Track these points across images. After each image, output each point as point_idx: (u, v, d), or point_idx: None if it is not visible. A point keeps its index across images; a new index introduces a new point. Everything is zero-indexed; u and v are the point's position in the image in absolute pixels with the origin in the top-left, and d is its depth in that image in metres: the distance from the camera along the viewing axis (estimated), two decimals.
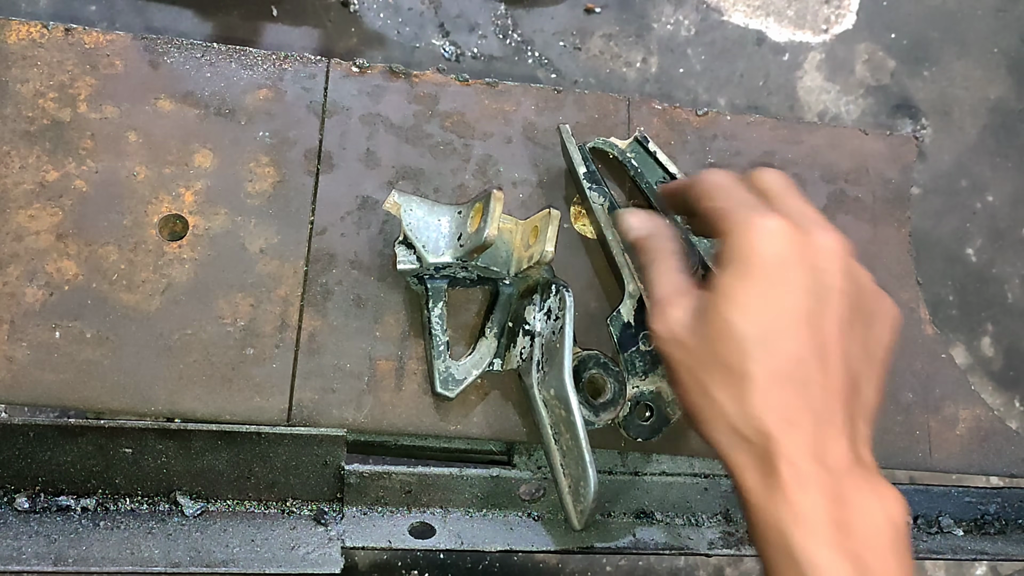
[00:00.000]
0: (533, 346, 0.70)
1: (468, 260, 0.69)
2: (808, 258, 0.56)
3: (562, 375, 0.65)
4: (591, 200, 0.77)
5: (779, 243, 0.56)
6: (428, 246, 0.69)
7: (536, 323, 0.70)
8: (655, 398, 0.73)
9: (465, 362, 0.72)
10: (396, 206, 0.70)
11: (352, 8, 0.88)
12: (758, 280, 0.55)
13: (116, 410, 0.71)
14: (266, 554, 0.68)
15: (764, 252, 0.56)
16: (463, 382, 0.71)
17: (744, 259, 0.56)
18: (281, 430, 0.70)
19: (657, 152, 0.79)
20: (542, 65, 0.90)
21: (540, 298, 0.71)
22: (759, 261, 0.55)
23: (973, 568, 1.54)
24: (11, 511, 0.68)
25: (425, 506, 0.74)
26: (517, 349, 0.72)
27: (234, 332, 0.73)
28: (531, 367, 0.69)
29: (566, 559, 1.37)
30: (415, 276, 0.73)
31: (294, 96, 0.79)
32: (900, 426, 0.81)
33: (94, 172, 0.75)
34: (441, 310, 0.72)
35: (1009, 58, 0.98)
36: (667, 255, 0.65)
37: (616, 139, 0.80)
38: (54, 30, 0.77)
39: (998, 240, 0.91)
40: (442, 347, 0.72)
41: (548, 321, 0.70)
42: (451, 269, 0.71)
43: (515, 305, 0.74)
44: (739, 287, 0.55)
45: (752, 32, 0.96)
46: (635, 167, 0.80)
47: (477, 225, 0.67)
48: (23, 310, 0.71)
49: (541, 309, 0.71)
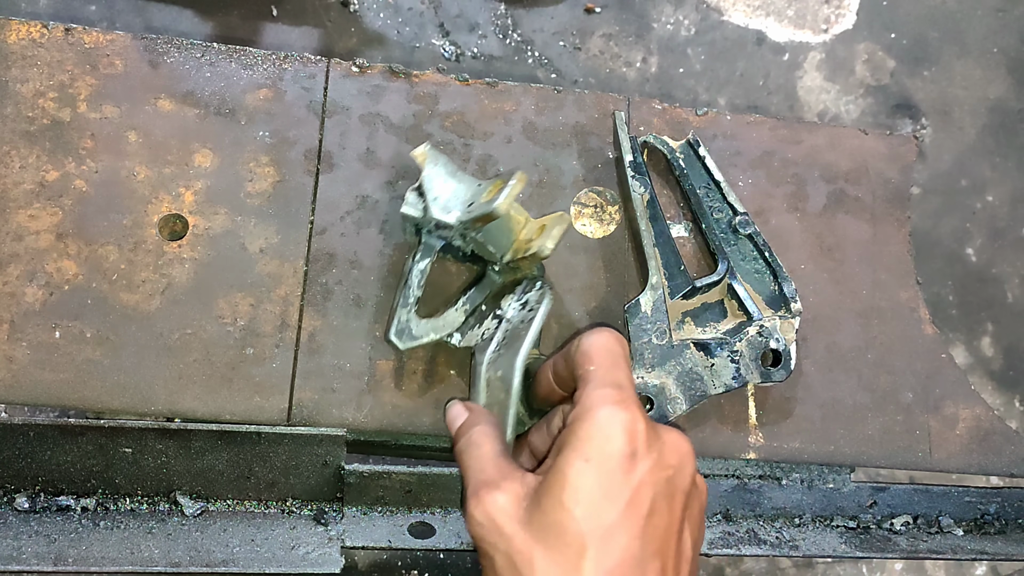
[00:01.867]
0: (497, 329, 0.70)
1: (469, 228, 0.69)
2: (658, 456, 0.53)
3: (515, 360, 0.65)
4: (632, 188, 0.79)
5: (631, 436, 0.52)
6: (438, 200, 0.69)
7: (509, 310, 0.71)
8: (658, 392, 0.74)
9: (427, 322, 0.71)
10: (423, 156, 0.70)
11: (352, 8, 0.88)
12: (604, 470, 0.51)
13: (116, 410, 0.71)
14: (266, 554, 0.68)
15: (615, 442, 0.51)
16: (418, 339, 0.70)
17: (592, 446, 0.52)
18: (281, 430, 0.70)
19: (706, 157, 0.81)
20: (542, 65, 0.90)
21: (522, 289, 0.72)
22: (608, 451, 0.51)
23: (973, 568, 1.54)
24: (11, 511, 0.68)
25: (425, 506, 0.74)
26: (481, 329, 0.72)
27: (234, 332, 0.73)
28: (488, 346, 0.69)
29: None
30: (414, 225, 0.72)
31: (294, 96, 0.79)
32: (900, 426, 0.81)
33: (94, 172, 0.75)
34: (425, 267, 0.72)
35: (1009, 58, 0.98)
36: (485, 438, 0.59)
37: (669, 138, 0.82)
38: (54, 30, 0.77)
39: (998, 240, 0.91)
40: (412, 299, 0.71)
41: (520, 311, 0.70)
42: (450, 232, 0.71)
43: (494, 291, 0.74)
44: (583, 475, 0.51)
45: (752, 32, 0.96)
46: (682, 167, 0.82)
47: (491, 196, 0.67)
48: (23, 310, 0.71)
49: (519, 299, 0.71)
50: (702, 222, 0.80)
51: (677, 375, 0.75)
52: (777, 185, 0.85)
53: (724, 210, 0.80)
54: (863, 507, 0.82)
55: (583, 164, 0.82)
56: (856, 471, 0.83)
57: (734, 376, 0.75)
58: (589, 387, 0.55)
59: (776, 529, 0.80)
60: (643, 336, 0.75)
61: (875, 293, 0.84)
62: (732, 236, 0.80)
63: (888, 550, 0.79)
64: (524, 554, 0.50)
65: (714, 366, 0.75)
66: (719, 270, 0.77)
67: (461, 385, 0.75)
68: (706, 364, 0.75)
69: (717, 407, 0.79)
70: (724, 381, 0.75)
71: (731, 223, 0.79)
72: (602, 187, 0.82)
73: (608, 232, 0.81)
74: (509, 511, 0.52)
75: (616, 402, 0.53)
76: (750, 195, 0.84)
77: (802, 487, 0.81)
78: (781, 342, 0.75)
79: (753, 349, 0.75)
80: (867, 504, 0.82)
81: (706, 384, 0.75)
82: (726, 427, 0.79)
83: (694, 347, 0.75)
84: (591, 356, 0.57)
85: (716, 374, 0.75)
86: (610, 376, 0.55)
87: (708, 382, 0.75)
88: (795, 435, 0.79)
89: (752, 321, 0.76)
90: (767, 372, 0.75)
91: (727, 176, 0.82)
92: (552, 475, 0.52)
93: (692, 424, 0.78)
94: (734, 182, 0.84)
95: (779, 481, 0.81)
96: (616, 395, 0.54)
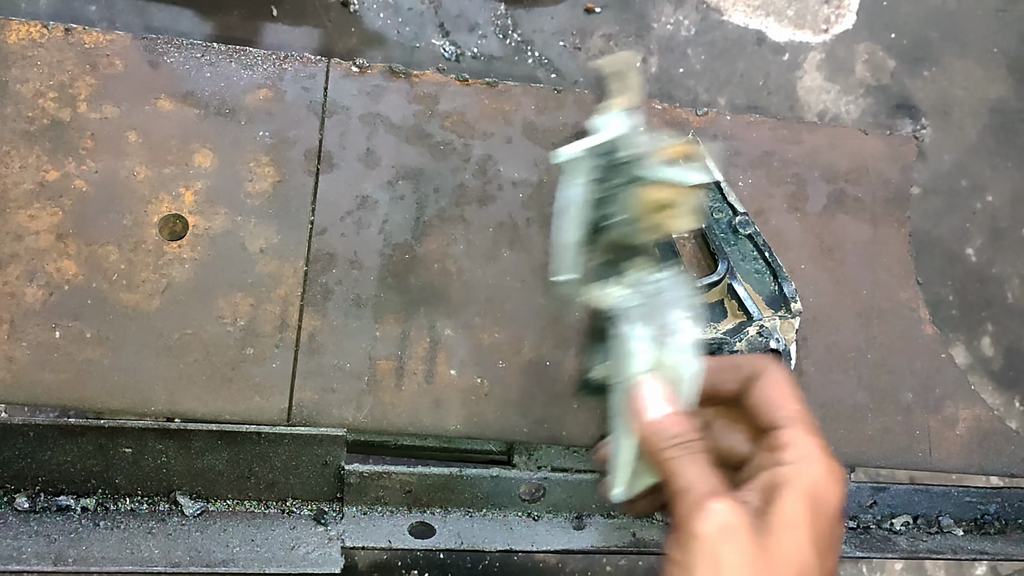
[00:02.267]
0: (632, 299, 0.61)
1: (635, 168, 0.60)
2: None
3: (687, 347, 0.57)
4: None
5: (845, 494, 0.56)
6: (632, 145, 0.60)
7: (642, 282, 0.61)
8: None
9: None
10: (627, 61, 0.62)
11: (352, 8, 0.88)
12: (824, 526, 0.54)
13: (116, 410, 0.71)
14: (266, 554, 0.68)
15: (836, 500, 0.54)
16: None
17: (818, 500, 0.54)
18: (281, 430, 0.70)
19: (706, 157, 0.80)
20: (542, 65, 0.90)
21: (650, 262, 0.63)
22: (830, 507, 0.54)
23: (973, 568, 1.54)
24: (11, 511, 0.68)
25: (425, 506, 0.74)
26: (607, 289, 0.62)
27: (234, 332, 0.73)
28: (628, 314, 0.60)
29: (566, 559, 1.37)
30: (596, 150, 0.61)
31: (294, 96, 0.79)
32: (900, 426, 0.81)
33: (94, 172, 0.75)
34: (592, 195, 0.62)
35: (1009, 58, 0.98)
36: (702, 443, 0.57)
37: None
38: (54, 30, 0.77)
39: (998, 240, 0.91)
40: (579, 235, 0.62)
41: (656, 284, 0.62)
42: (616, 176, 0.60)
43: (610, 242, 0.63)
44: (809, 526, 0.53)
45: (752, 32, 0.96)
46: None
47: (668, 157, 0.60)
48: (23, 310, 0.71)
49: (651, 273, 0.62)
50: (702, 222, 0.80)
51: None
52: (777, 185, 0.85)
53: (724, 210, 0.80)
54: (863, 507, 0.82)
55: None
56: (856, 471, 0.83)
57: None
58: (800, 430, 0.55)
59: None
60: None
61: (875, 293, 0.84)
62: (732, 236, 0.80)
63: (888, 550, 0.79)
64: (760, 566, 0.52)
65: None
66: (719, 270, 0.77)
67: (461, 385, 0.75)
68: None
69: None
70: None
71: (731, 223, 0.79)
72: None
73: None
74: (739, 530, 0.52)
75: (830, 456, 0.55)
76: (750, 195, 0.84)
77: None
78: (781, 342, 0.75)
79: (753, 349, 0.75)
80: (867, 504, 0.82)
81: None
82: None
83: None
84: (788, 394, 0.57)
85: None
86: (812, 421, 0.56)
87: None
88: None
89: (752, 321, 0.76)
90: None
91: (727, 176, 0.82)
92: (779, 516, 0.53)
93: None
94: (734, 182, 0.84)
95: None
96: (825, 446, 0.55)
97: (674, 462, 0.55)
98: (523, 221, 0.80)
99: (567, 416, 0.76)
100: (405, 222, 0.78)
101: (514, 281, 0.79)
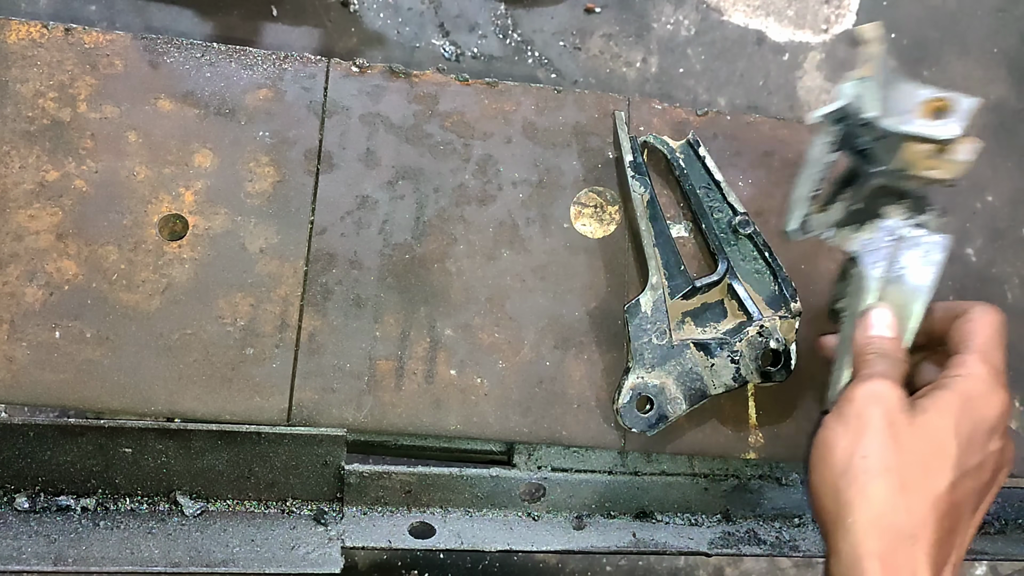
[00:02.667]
0: (887, 243, 0.69)
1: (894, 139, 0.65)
2: (1004, 448, 0.62)
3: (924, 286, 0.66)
4: (632, 189, 0.79)
5: (1005, 415, 0.61)
6: (887, 101, 0.66)
7: (899, 227, 0.69)
8: (657, 392, 0.74)
9: (819, 217, 0.71)
10: (876, 34, 0.67)
11: (352, 8, 0.88)
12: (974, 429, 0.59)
13: (116, 410, 0.71)
14: (266, 554, 0.68)
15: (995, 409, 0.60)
16: (811, 232, 0.71)
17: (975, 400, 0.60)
18: (281, 430, 0.70)
19: (706, 157, 0.81)
20: (542, 65, 0.90)
21: (912, 207, 0.69)
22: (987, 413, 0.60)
23: (973, 568, 1.54)
24: (11, 511, 0.68)
25: (425, 506, 0.74)
26: (861, 233, 0.70)
27: (234, 332, 0.73)
28: (877, 257, 0.68)
29: (566, 559, 1.37)
30: (838, 114, 0.68)
31: (294, 96, 0.79)
32: None
33: (94, 172, 0.75)
34: (835, 159, 0.70)
35: (1009, 58, 0.98)
36: (898, 353, 0.64)
37: (669, 139, 0.82)
38: (54, 30, 0.77)
39: (998, 240, 0.91)
40: (815, 192, 0.71)
41: (914, 230, 0.68)
42: (870, 135, 0.67)
43: (869, 192, 0.70)
44: (960, 420, 0.59)
45: (752, 32, 0.96)
46: (682, 167, 0.82)
47: (932, 112, 0.65)
48: (23, 310, 0.71)
49: (911, 218, 0.69)
50: (702, 222, 0.80)
51: (677, 375, 0.75)
52: (777, 185, 0.85)
53: (724, 210, 0.80)
54: None
55: (583, 164, 0.82)
56: None
57: (734, 376, 0.75)
58: (977, 357, 0.61)
59: (776, 529, 0.80)
60: (643, 336, 0.75)
61: None
62: (732, 236, 0.80)
63: None
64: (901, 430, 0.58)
65: (714, 366, 0.75)
66: (719, 270, 0.77)
67: (461, 385, 0.75)
68: (706, 364, 0.75)
69: (717, 407, 0.79)
70: (724, 381, 0.75)
71: (731, 223, 0.79)
72: (602, 187, 0.82)
73: (608, 232, 0.81)
74: (889, 400, 0.59)
75: (1001, 383, 0.61)
76: (750, 195, 0.84)
77: (802, 487, 0.81)
78: (781, 342, 0.75)
79: (753, 349, 0.75)
80: None
81: (706, 384, 0.75)
82: (726, 427, 0.79)
83: (694, 347, 0.75)
84: (983, 331, 0.63)
85: (716, 374, 0.75)
86: (997, 358, 0.62)
87: (708, 382, 0.75)
88: (795, 435, 0.79)
89: (752, 321, 0.76)
90: (767, 372, 0.75)
91: (727, 176, 0.82)
92: (930, 401, 0.59)
93: (692, 424, 0.78)
94: (734, 182, 0.84)
95: (779, 481, 0.81)
96: (998, 375, 0.61)
97: (870, 360, 0.62)
98: (523, 221, 0.80)
99: (567, 416, 0.76)
100: (405, 222, 0.78)
101: (514, 281, 0.79)
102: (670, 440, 0.78)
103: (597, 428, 0.77)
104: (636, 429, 0.74)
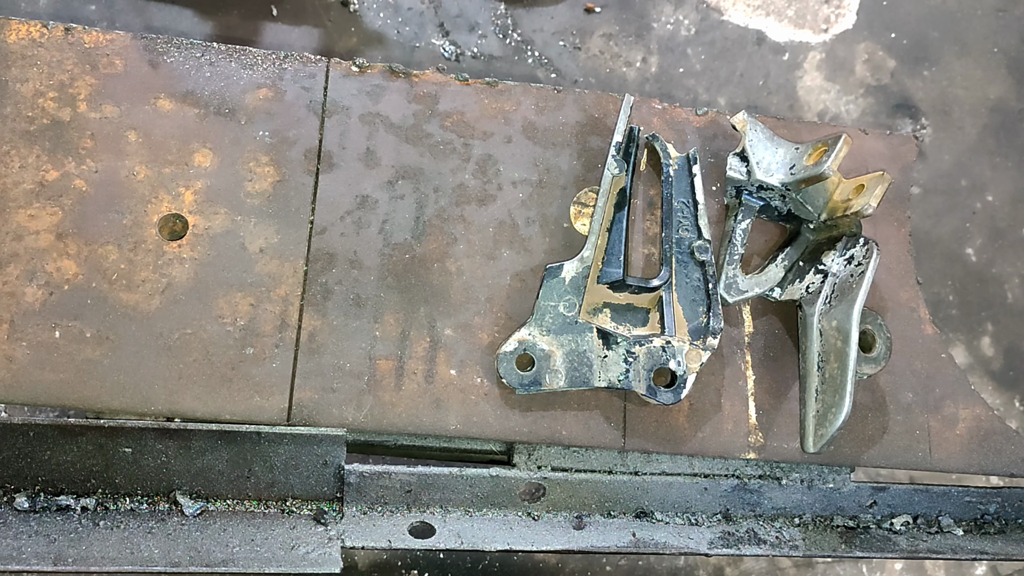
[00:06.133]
0: (824, 284, 0.77)
1: (791, 190, 0.76)
2: None
3: (851, 311, 0.72)
4: (607, 167, 0.78)
5: None
6: (761, 164, 0.77)
7: (833, 265, 0.77)
8: (543, 357, 0.74)
9: (750, 278, 0.78)
10: (743, 123, 0.78)
11: (352, 8, 0.88)
12: None
13: (116, 410, 0.71)
14: (266, 554, 0.68)
15: None
16: (744, 293, 0.78)
17: None
18: (281, 430, 0.70)
19: (696, 176, 0.81)
20: (542, 65, 0.90)
21: (844, 246, 0.77)
22: None
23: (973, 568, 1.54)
24: (11, 511, 0.68)
25: (425, 506, 0.74)
26: (803, 283, 0.78)
27: (234, 332, 0.73)
28: (817, 299, 0.76)
29: (566, 559, 1.37)
30: (736, 188, 0.80)
31: (294, 96, 0.79)
32: (900, 426, 0.81)
33: (94, 172, 0.75)
34: (747, 226, 0.79)
35: (1009, 58, 0.98)
36: None
37: (672, 147, 0.82)
38: (54, 30, 0.77)
39: (998, 240, 0.91)
40: (736, 256, 0.78)
41: (847, 266, 0.76)
42: (771, 194, 0.78)
43: (810, 248, 0.80)
44: None
45: (752, 32, 0.96)
46: (670, 176, 0.81)
47: (816, 160, 0.74)
48: (23, 310, 0.71)
49: (842, 255, 0.77)
50: (663, 231, 0.80)
51: (568, 351, 0.74)
52: None
53: (691, 230, 0.80)
54: (863, 507, 0.82)
55: (583, 164, 0.82)
56: (856, 471, 0.83)
57: (621, 377, 0.74)
58: None
59: (776, 529, 0.80)
60: (552, 299, 0.75)
61: (875, 293, 0.84)
62: (687, 257, 0.79)
63: (888, 550, 0.79)
64: None
65: (607, 358, 0.75)
66: (659, 277, 0.77)
67: (461, 385, 0.75)
68: (600, 354, 0.75)
69: (717, 407, 0.79)
70: (610, 377, 0.74)
71: (691, 244, 0.79)
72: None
73: None
74: None
75: None
76: None
77: (802, 487, 0.81)
78: (682, 366, 0.74)
79: (652, 360, 0.74)
80: (867, 504, 0.82)
81: (593, 372, 0.74)
82: (726, 427, 0.79)
83: (596, 332, 0.75)
84: None
85: (606, 367, 0.75)
86: None
87: (596, 371, 0.74)
88: (795, 435, 0.79)
89: (663, 335, 0.76)
90: (654, 389, 0.74)
91: None
92: None
93: (692, 424, 0.78)
94: None
95: (779, 481, 0.81)
96: None
97: None
98: (523, 221, 0.80)
99: (567, 416, 0.76)
100: (405, 222, 0.78)
101: (514, 281, 0.79)
102: (670, 440, 0.78)
103: (597, 428, 0.77)
104: (507, 381, 0.74)
